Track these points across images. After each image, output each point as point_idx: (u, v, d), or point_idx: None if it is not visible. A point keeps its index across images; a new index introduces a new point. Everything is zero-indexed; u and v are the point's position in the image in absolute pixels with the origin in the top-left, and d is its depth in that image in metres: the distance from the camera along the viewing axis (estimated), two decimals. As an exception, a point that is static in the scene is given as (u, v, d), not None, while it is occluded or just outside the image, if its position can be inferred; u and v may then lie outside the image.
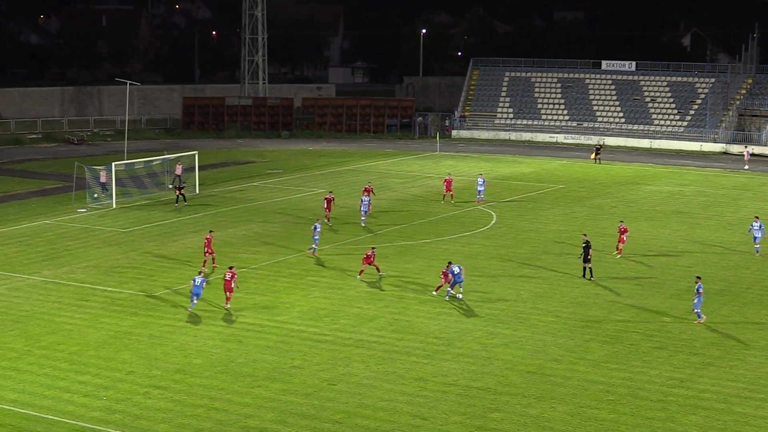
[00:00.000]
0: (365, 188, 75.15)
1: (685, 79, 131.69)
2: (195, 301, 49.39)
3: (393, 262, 59.69)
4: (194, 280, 49.43)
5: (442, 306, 50.78)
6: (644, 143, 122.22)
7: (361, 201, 71.33)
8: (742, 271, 58.94)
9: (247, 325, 47.41)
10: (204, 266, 56.38)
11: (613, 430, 35.78)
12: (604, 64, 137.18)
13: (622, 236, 61.87)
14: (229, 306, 49.81)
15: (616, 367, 42.16)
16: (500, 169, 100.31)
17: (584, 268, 56.62)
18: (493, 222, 72.84)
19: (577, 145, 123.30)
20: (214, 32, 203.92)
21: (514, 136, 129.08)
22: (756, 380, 40.77)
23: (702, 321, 48.03)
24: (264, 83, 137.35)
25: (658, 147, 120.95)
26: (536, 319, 48.77)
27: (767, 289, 54.86)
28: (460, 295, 51.92)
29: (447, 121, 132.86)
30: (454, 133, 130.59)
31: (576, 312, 50.12)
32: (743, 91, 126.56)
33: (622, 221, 64.08)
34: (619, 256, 61.50)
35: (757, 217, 64.73)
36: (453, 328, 47.27)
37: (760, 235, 62.75)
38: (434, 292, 52.64)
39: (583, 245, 56.76)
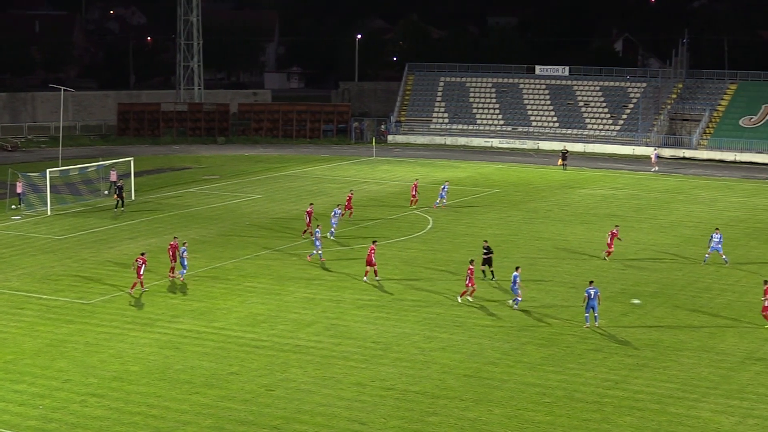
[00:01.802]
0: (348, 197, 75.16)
1: (617, 83, 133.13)
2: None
3: (331, 267, 59.83)
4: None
5: (379, 311, 51.02)
6: (578, 147, 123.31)
7: (334, 213, 69.19)
8: (674, 274, 59.78)
9: (184, 332, 47.31)
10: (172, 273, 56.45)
11: (549, 432, 36.28)
12: (538, 69, 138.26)
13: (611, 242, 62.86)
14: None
15: (552, 369, 42.61)
16: (436, 173, 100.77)
17: (483, 271, 57.10)
18: (429, 226, 73.22)
19: (512, 149, 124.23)
20: (149, 38, 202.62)
21: (449, 140, 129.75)
22: (689, 381, 41.41)
23: (588, 326, 48.26)
24: (200, 89, 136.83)
25: (592, 151, 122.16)
26: (473, 323, 49.14)
27: (699, 291, 55.68)
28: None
29: (383, 126, 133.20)
30: (390, 138, 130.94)
31: (512, 315, 50.56)
32: (674, 96, 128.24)
33: (617, 225, 65.40)
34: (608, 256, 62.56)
35: (717, 229, 64.00)
36: (390, 332, 47.50)
37: (720, 247, 62.22)
38: (459, 299, 53.15)
39: (485, 251, 57.37)
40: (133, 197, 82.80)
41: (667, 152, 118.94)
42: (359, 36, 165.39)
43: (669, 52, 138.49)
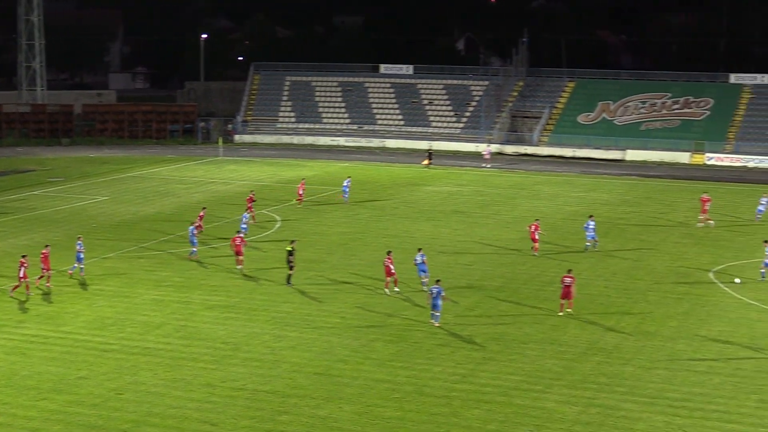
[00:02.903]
0: (249, 198, 74.62)
1: (460, 82, 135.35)
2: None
3: (177, 269, 59.61)
4: None
5: (228, 311, 51.05)
6: (423, 145, 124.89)
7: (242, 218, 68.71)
8: (518, 268, 61.20)
9: (30, 337, 46.58)
10: (37, 281, 54.64)
11: (399, 428, 36.76)
12: (383, 68, 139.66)
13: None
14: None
15: (401, 365, 43.26)
16: (283, 172, 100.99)
17: (290, 275, 56.26)
18: (277, 225, 73.42)
19: (359, 147, 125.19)
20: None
21: (296, 139, 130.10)
22: (534, 372, 42.52)
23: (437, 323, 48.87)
24: (43, 90, 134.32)
25: (437, 148, 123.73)
26: (322, 321, 49.54)
27: (543, 285, 57.11)
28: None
29: (230, 126, 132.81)
30: (237, 137, 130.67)
31: (360, 313, 51.12)
32: (515, 94, 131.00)
33: (538, 219, 66.94)
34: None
35: (591, 216, 67.51)
36: (240, 332, 47.59)
37: (594, 234, 66.17)
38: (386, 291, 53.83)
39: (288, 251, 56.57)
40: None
41: (509, 149, 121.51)
42: (205, 36, 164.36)
43: (509, 51, 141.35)
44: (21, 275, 52.86)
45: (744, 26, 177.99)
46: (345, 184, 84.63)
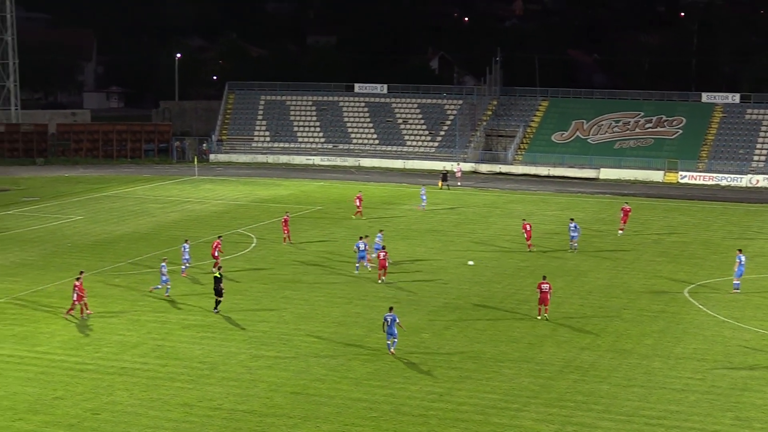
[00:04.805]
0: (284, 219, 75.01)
1: (434, 101, 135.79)
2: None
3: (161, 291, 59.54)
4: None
5: (205, 330, 50.98)
6: (398, 164, 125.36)
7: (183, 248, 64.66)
8: (494, 286, 61.37)
9: (5, 357, 46.35)
10: (71, 312, 53.42)
11: (376, 445, 36.91)
12: (357, 87, 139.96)
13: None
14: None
15: (378, 384, 43.29)
16: (259, 191, 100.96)
17: (218, 301, 54.65)
18: (253, 245, 73.40)
19: (334, 166, 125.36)
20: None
21: (271, 159, 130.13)
22: (510, 391, 42.64)
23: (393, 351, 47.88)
24: (16, 109, 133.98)
25: (411, 167, 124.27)
26: (299, 340, 49.55)
27: (518, 303, 57.28)
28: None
29: (204, 145, 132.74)
30: (212, 157, 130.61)
31: (337, 331, 51.17)
32: (489, 113, 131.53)
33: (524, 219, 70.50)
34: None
35: (572, 219, 73.18)
36: (217, 351, 47.54)
37: (576, 235, 71.29)
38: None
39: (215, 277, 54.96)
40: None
41: (484, 167, 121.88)
42: (178, 55, 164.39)
43: (483, 70, 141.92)
44: (75, 298, 52.71)
45: (714, 45, 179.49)
46: (422, 192, 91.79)
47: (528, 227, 72.27)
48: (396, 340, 47.33)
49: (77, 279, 53.37)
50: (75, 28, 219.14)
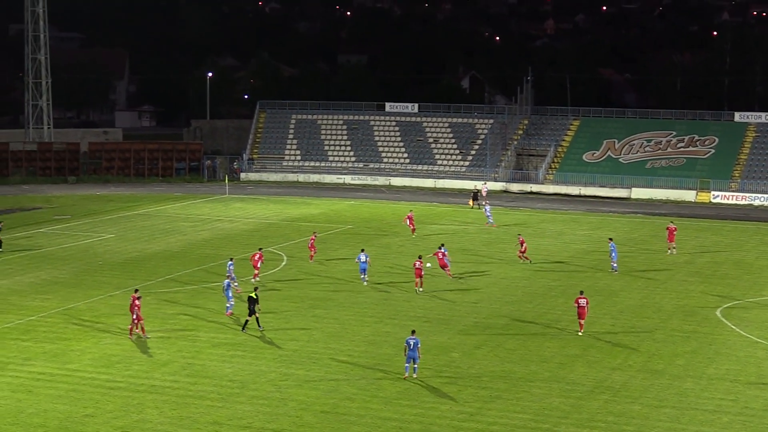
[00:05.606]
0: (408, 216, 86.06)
1: (465, 120, 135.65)
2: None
3: (183, 306, 59.63)
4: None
5: (235, 349, 51.01)
6: (428, 183, 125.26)
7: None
8: (525, 306, 61.15)
9: (36, 374, 46.55)
10: (136, 330, 53.24)
11: (406, 465, 36.76)
12: (388, 106, 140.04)
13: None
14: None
15: (407, 403, 43.17)
16: (289, 210, 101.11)
17: (246, 321, 54.51)
18: (283, 263, 73.46)
19: (364, 185, 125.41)
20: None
21: (302, 177, 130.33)
22: (541, 411, 42.42)
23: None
24: (49, 128, 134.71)
25: (442, 186, 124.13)
26: (329, 359, 49.48)
27: (549, 323, 57.04)
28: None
29: (235, 164, 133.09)
30: (242, 175, 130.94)
31: (368, 350, 51.08)
32: (520, 132, 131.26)
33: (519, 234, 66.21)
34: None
35: (610, 239, 72.72)
36: (246, 370, 47.54)
37: (615, 255, 71.21)
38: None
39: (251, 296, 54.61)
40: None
41: (514, 186, 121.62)
42: (210, 74, 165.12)
43: (514, 89, 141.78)
44: (135, 317, 52.65)
45: (747, 65, 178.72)
46: (487, 212, 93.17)
47: (522, 241, 74.73)
48: (417, 365, 46.62)
49: (137, 298, 53.13)
50: (108, 47, 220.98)
